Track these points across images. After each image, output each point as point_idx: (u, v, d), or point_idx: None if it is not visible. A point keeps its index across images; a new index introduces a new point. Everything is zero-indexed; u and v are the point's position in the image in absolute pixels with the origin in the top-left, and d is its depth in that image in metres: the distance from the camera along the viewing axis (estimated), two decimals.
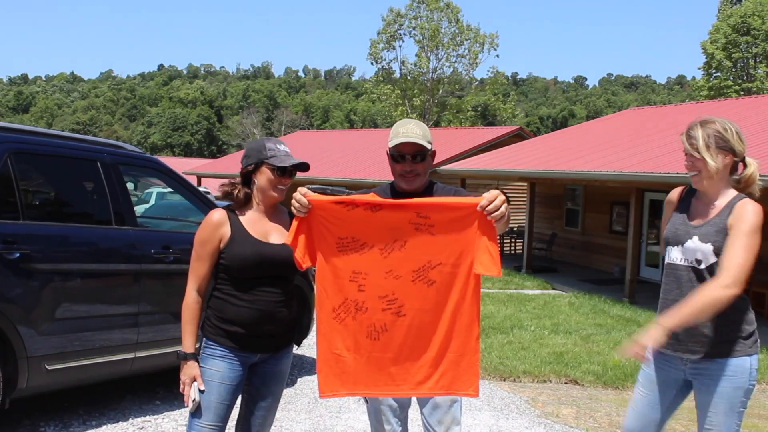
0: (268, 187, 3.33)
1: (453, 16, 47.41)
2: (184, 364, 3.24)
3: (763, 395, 7.87)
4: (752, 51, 42.55)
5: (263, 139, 3.36)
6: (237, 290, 3.26)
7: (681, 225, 3.34)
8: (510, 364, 8.20)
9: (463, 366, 3.12)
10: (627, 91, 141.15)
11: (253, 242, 3.25)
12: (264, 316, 3.27)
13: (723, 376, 3.20)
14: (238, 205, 3.35)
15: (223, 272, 3.28)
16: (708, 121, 3.27)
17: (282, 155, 3.31)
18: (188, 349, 3.24)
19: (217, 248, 3.25)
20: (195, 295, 3.27)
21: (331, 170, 26.95)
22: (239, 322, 3.24)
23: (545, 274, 17.62)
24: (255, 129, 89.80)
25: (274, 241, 3.31)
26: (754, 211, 3.17)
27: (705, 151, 3.21)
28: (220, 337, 3.26)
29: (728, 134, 3.22)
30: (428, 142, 3.34)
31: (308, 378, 7.21)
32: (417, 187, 3.39)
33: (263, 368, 3.40)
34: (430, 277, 3.08)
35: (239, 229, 3.27)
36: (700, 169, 3.25)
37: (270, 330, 3.31)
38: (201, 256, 3.27)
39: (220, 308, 3.27)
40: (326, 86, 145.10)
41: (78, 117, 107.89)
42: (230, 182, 3.38)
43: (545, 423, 6.17)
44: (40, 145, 5.20)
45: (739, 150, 3.25)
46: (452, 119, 49.34)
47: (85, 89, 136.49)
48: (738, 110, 18.15)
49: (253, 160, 3.32)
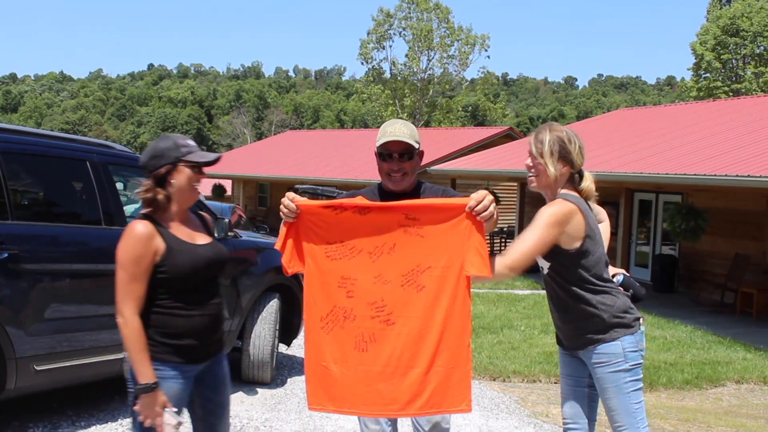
0: (188, 187, 3.09)
1: (443, 17, 47.44)
2: (151, 396, 2.93)
3: (750, 394, 7.91)
4: (741, 52, 42.69)
5: (172, 137, 3.14)
6: (182, 301, 3.04)
7: None
8: (500, 364, 8.22)
9: (454, 380, 3.05)
10: (617, 92, 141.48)
11: (190, 248, 3.08)
12: (214, 322, 3.16)
13: (601, 361, 3.37)
14: (160, 211, 3.07)
15: (163, 286, 3.02)
16: (556, 128, 3.43)
17: (198, 151, 3.12)
18: (152, 379, 2.93)
19: (153, 263, 2.98)
20: (138, 320, 2.95)
21: (321, 170, 26.95)
22: (192, 333, 3.05)
23: (535, 275, 17.51)
24: (245, 129, 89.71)
25: (202, 242, 3.17)
26: (549, 207, 3.29)
27: (549, 157, 3.34)
28: (166, 355, 3.01)
29: (571, 146, 3.37)
30: (416, 142, 3.35)
31: (298, 378, 7.20)
32: (405, 187, 3.39)
33: (210, 376, 3.24)
34: (420, 282, 3.04)
35: (170, 237, 3.05)
36: (539, 173, 3.39)
37: (217, 334, 3.21)
38: (137, 275, 2.94)
39: (165, 323, 3.02)
40: (316, 86, 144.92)
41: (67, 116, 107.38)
42: (148, 186, 3.06)
43: (535, 423, 6.19)
44: (29, 145, 5.18)
45: (577, 163, 3.40)
46: (442, 119, 49.35)
47: (74, 88, 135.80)
48: (726, 111, 18.24)
49: (168, 160, 3.04)
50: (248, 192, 34.33)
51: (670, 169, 13.15)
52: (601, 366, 3.35)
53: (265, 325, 6.61)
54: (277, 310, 6.75)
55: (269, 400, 6.39)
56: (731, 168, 11.79)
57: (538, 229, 3.22)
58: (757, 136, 14.00)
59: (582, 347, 3.40)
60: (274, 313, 6.70)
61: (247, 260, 6.66)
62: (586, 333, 3.36)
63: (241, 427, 5.64)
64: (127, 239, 2.98)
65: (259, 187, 33.82)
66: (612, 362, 3.33)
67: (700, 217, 12.91)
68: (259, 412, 6.05)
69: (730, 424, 6.43)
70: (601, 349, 3.34)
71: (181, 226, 3.13)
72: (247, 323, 6.57)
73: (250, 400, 6.35)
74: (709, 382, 8.23)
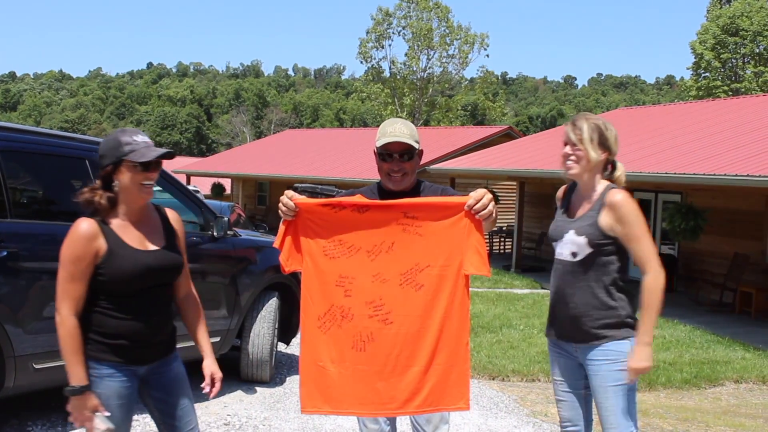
0: (133, 187, 2.93)
1: (443, 16, 47.44)
2: (81, 398, 2.85)
3: (749, 394, 7.92)
4: (741, 51, 42.71)
5: (117, 134, 2.99)
6: (118, 305, 2.94)
7: (561, 221, 3.53)
8: (499, 363, 8.22)
9: (453, 378, 3.06)
10: (616, 91, 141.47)
11: (134, 253, 2.93)
12: (151, 327, 3.01)
13: (606, 359, 3.36)
14: (104, 213, 2.93)
15: (100, 288, 2.92)
16: (592, 117, 3.46)
17: (142, 148, 2.93)
18: (83, 381, 2.86)
19: (93, 264, 2.88)
20: (74, 321, 2.86)
21: (320, 169, 26.94)
22: (124, 335, 2.94)
23: (534, 274, 17.65)
24: (244, 128, 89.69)
25: (153, 247, 3.02)
26: (627, 201, 3.35)
27: (589, 143, 3.37)
28: (102, 354, 2.93)
29: (608, 133, 3.42)
30: (416, 141, 3.34)
31: (297, 377, 7.14)
32: (404, 186, 3.38)
33: (158, 379, 3.13)
34: (418, 281, 3.04)
35: (115, 239, 2.92)
36: (579, 159, 3.39)
37: (157, 339, 3.07)
38: (75, 275, 2.85)
39: (101, 323, 2.93)
40: (316, 85, 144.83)
41: (66, 115, 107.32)
42: (90, 188, 2.95)
43: (534, 422, 6.19)
44: (28, 144, 5.17)
45: (614, 150, 3.45)
46: (442, 118, 49.37)
47: (73, 87, 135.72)
48: (726, 110, 18.24)
49: (111, 159, 2.92)
50: (247, 191, 34.31)
51: (669, 168, 13.15)
52: (606, 363, 3.35)
53: (264, 323, 6.61)
54: (276, 309, 6.74)
55: (268, 399, 6.39)
56: (731, 167, 11.79)
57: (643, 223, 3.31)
58: (757, 135, 14.00)
59: (590, 340, 3.38)
60: (273, 312, 6.70)
61: (246, 259, 6.66)
62: (599, 327, 3.36)
63: (240, 425, 5.65)
64: (70, 237, 2.89)
65: (259, 186, 33.80)
66: (618, 360, 3.33)
67: (700, 217, 12.91)
68: (258, 410, 6.05)
69: (729, 423, 6.43)
70: (610, 346, 3.35)
71: (132, 227, 3.00)
72: (246, 322, 6.57)
73: (249, 399, 6.35)
74: (707, 381, 8.24)
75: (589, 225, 3.35)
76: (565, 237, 3.42)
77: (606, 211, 3.34)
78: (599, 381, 3.39)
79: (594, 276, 3.36)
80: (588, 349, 3.40)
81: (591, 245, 3.33)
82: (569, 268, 3.42)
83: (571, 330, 3.45)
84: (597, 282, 3.36)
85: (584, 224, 3.37)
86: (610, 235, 3.32)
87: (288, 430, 5.62)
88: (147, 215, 3.10)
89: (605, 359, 3.35)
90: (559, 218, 3.55)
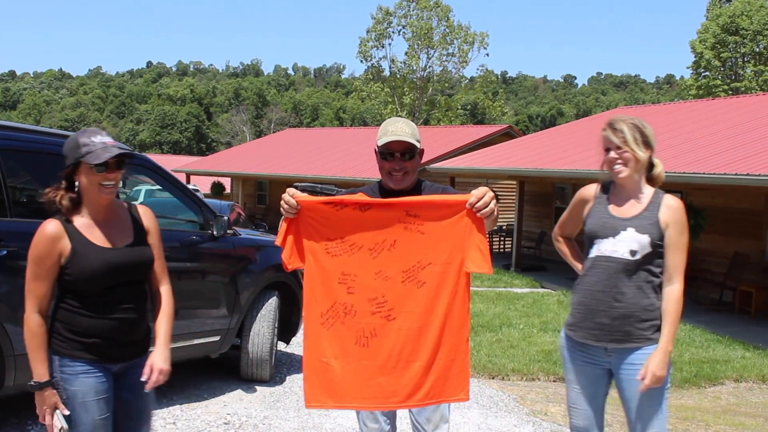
0: (92, 188, 2.95)
1: (443, 15, 47.44)
2: (41, 394, 2.90)
3: (749, 393, 7.92)
4: (740, 51, 42.73)
5: (78, 134, 3.01)
6: (87, 304, 2.96)
7: (608, 218, 3.43)
8: (499, 363, 8.22)
9: (453, 371, 3.09)
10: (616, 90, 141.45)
11: (98, 251, 2.95)
12: (123, 326, 3.01)
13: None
14: (68, 213, 2.97)
15: (67, 287, 2.96)
16: (626, 118, 3.42)
17: (98, 149, 2.91)
18: (44, 377, 2.90)
19: (57, 264, 2.91)
20: (37, 318, 2.90)
21: (320, 168, 26.94)
22: (95, 334, 2.96)
23: (534, 273, 17.65)
24: (244, 127, 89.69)
25: (119, 245, 3.03)
26: (683, 209, 3.37)
27: (633, 143, 3.34)
28: (76, 351, 2.95)
29: (647, 130, 3.39)
30: (417, 141, 3.34)
31: (297, 376, 7.20)
32: (406, 185, 3.38)
33: (129, 380, 3.10)
34: (420, 278, 3.06)
35: (79, 239, 2.94)
36: (627, 161, 3.35)
37: (130, 338, 3.07)
38: (39, 275, 2.90)
39: (72, 321, 2.96)
40: (316, 84, 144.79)
41: (66, 114, 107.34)
42: (54, 188, 2.99)
43: (534, 421, 6.19)
44: (28, 142, 5.17)
45: (654, 147, 3.42)
46: (442, 117, 49.37)
47: (73, 86, 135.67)
48: (726, 109, 18.23)
49: (70, 160, 2.95)
50: (247, 190, 34.31)
51: (669, 167, 13.13)
52: None
53: (264, 322, 6.61)
54: (276, 308, 6.74)
55: (268, 398, 6.39)
56: (730, 166, 11.79)
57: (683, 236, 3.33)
58: (757, 134, 14.00)
59: (635, 342, 3.32)
60: (273, 311, 6.70)
61: (246, 258, 6.65)
62: (646, 329, 3.31)
63: (240, 424, 5.64)
64: (35, 238, 2.92)
65: (258, 185, 33.80)
66: None
67: (699, 216, 12.90)
68: (258, 409, 6.05)
69: (729, 422, 6.43)
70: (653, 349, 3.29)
71: (99, 226, 3.01)
72: (246, 321, 6.57)
73: (249, 398, 6.35)
74: (707, 380, 8.24)
75: (651, 224, 3.31)
76: (621, 234, 3.33)
77: (664, 210, 3.32)
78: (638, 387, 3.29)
79: (645, 276, 3.32)
80: (628, 353, 3.34)
81: (651, 245, 3.30)
82: (623, 267, 3.33)
83: (615, 331, 3.34)
84: (648, 282, 3.32)
85: (645, 223, 3.32)
86: (664, 236, 3.31)
87: (288, 429, 5.62)
88: (114, 213, 3.11)
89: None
90: (605, 216, 3.43)
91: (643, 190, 3.42)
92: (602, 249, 3.39)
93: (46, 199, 2.97)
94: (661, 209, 3.33)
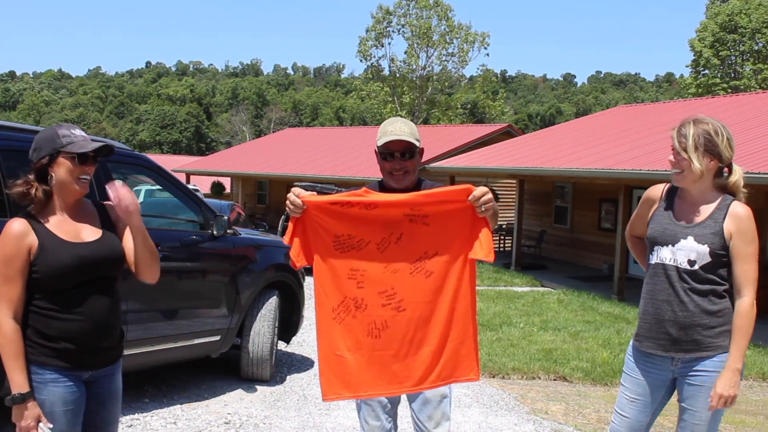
0: (69, 180, 2.86)
1: (443, 14, 47.44)
2: (23, 407, 2.75)
3: (749, 391, 7.92)
4: (739, 49, 42.75)
5: (54, 127, 2.93)
6: (58, 303, 2.83)
7: (669, 224, 3.32)
8: (499, 361, 8.23)
9: (463, 352, 3.18)
10: (616, 89, 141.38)
11: (66, 246, 2.84)
12: (97, 328, 2.90)
13: (717, 372, 3.21)
14: (39, 207, 2.87)
15: (36, 286, 2.82)
16: (701, 121, 3.25)
17: (80, 141, 2.88)
18: (25, 388, 2.75)
19: (27, 262, 2.78)
20: (12, 324, 2.75)
21: (320, 168, 26.94)
22: (68, 338, 2.83)
23: (534, 272, 17.65)
24: (244, 126, 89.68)
25: (89, 239, 2.92)
26: (750, 217, 3.21)
27: (693, 151, 3.19)
28: (45, 358, 2.81)
29: (718, 138, 3.20)
30: (416, 140, 3.37)
31: (297, 375, 7.21)
32: (406, 184, 3.41)
33: (97, 388, 3.00)
34: (428, 269, 3.13)
35: (47, 234, 2.83)
36: (683, 168, 3.24)
37: (105, 343, 2.96)
38: (9, 276, 2.75)
39: (42, 325, 2.82)
40: (315, 84, 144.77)
41: (66, 114, 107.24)
42: (24, 181, 2.86)
43: (534, 419, 6.19)
44: (27, 143, 5.16)
45: (726, 156, 3.23)
46: (441, 117, 49.35)
47: (73, 86, 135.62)
48: (725, 108, 18.24)
49: (47, 151, 2.85)
50: (247, 189, 34.30)
51: (667, 165, 13.13)
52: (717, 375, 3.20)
53: (265, 322, 6.61)
54: (276, 308, 6.75)
55: (269, 398, 6.40)
56: None
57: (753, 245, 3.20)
58: (756, 132, 14.00)
59: (702, 350, 3.23)
60: (273, 311, 6.70)
61: (246, 257, 6.66)
62: (713, 336, 3.22)
63: (241, 424, 5.65)
64: (1, 238, 2.81)
65: (258, 185, 33.80)
66: None
67: None
68: (259, 409, 6.05)
69: (729, 420, 6.43)
70: (723, 357, 3.21)
71: (67, 221, 2.92)
72: (247, 320, 6.57)
73: (250, 398, 6.35)
74: None
75: (713, 234, 3.19)
76: (681, 242, 3.23)
77: (729, 219, 3.19)
78: (705, 394, 3.22)
79: (708, 284, 3.21)
80: (695, 361, 3.26)
81: (711, 255, 3.18)
82: (683, 276, 3.23)
83: (682, 341, 3.26)
84: (712, 290, 3.22)
85: (706, 232, 3.20)
86: (728, 246, 3.19)
87: (288, 429, 5.63)
88: (83, 208, 3.02)
89: (716, 371, 3.21)
90: (666, 221, 3.33)
91: (710, 196, 3.28)
92: (661, 256, 3.29)
93: (17, 192, 2.85)
94: (727, 218, 3.20)
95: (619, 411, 3.51)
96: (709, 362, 3.24)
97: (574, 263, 19.72)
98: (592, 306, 12.90)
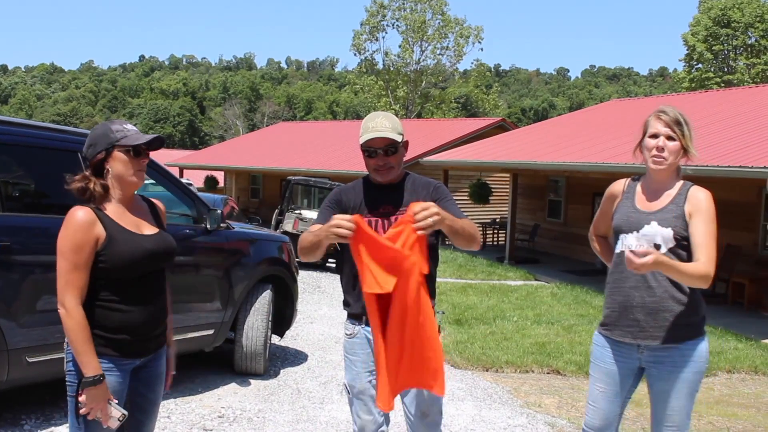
0: (127, 173, 2.96)
1: (438, 8, 47.41)
2: (96, 389, 2.81)
3: (741, 384, 7.95)
4: (732, 43, 42.83)
5: (107, 123, 3.02)
6: (120, 294, 2.92)
7: (633, 212, 3.36)
8: (492, 355, 8.24)
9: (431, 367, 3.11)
10: (609, 83, 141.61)
11: (135, 238, 2.95)
12: (153, 318, 3.03)
13: (685, 360, 3.26)
14: (98, 200, 2.93)
15: (101, 276, 2.89)
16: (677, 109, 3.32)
17: (133, 134, 2.97)
18: (99, 371, 2.83)
19: (93, 251, 2.85)
20: (82, 311, 2.83)
21: (314, 162, 26.92)
22: (128, 329, 2.94)
23: (528, 265, 17.69)
24: (237, 120, 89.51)
25: (148, 231, 3.04)
26: (709, 198, 3.25)
27: (690, 140, 3.27)
28: (101, 348, 2.88)
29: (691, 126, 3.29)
30: (398, 134, 3.31)
31: (291, 369, 7.21)
32: (392, 178, 3.40)
33: (146, 372, 3.11)
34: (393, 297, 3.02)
35: (113, 225, 2.91)
36: (676, 154, 3.28)
37: (155, 331, 3.07)
38: (78, 264, 2.82)
39: (104, 316, 2.90)
40: (309, 78, 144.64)
41: (58, 108, 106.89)
42: (82, 176, 2.95)
43: (528, 413, 6.21)
44: (20, 137, 5.15)
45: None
46: (435, 110, 49.38)
47: (65, 80, 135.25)
48: (718, 102, 18.28)
49: (102, 146, 2.94)
50: (241, 183, 34.28)
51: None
52: (686, 364, 3.25)
53: (258, 316, 6.61)
54: (269, 302, 6.74)
55: (262, 391, 6.40)
56: (723, 159, 11.82)
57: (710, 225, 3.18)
58: (749, 126, 14.03)
59: (685, 339, 3.26)
60: (267, 305, 6.70)
61: (239, 251, 6.65)
62: (682, 324, 3.25)
63: (235, 418, 5.65)
64: (67, 227, 2.85)
65: (252, 179, 33.77)
66: (696, 360, 3.26)
67: None
68: (252, 403, 6.05)
69: (722, 413, 6.47)
70: (689, 345, 3.25)
71: (126, 214, 3.01)
72: (240, 314, 6.57)
73: (243, 392, 6.35)
74: None
75: (675, 217, 3.24)
76: (645, 228, 3.26)
77: (689, 202, 3.24)
78: (673, 383, 3.26)
79: None
80: (662, 349, 3.28)
81: (676, 238, 3.21)
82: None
83: (650, 327, 3.27)
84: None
85: (669, 216, 3.24)
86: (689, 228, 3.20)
87: (282, 422, 5.63)
88: (137, 202, 3.13)
89: (688, 359, 3.26)
90: (630, 210, 3.37)
91: (672, 183, 3.34)
92: (627, 243, 3.28)
93: (76, 187, 2.92)
94: (687, 201, 3.25)
95: (591, 403, 3.53)
96: (675, 351, 3.27)
97: (567, 257, 19.76)
98: (585, 299, 12.93)
